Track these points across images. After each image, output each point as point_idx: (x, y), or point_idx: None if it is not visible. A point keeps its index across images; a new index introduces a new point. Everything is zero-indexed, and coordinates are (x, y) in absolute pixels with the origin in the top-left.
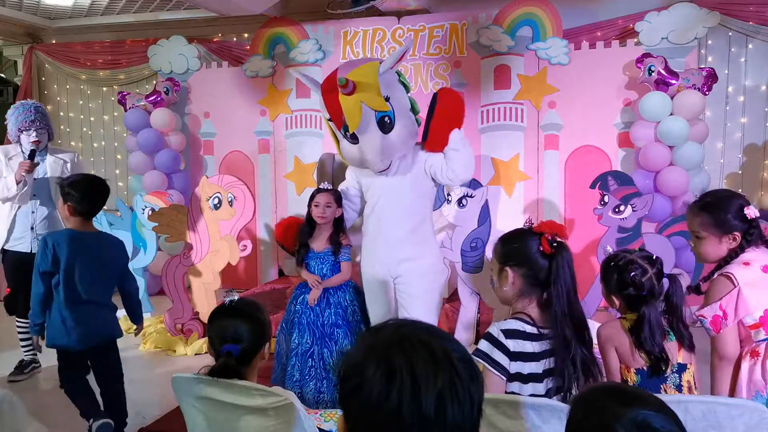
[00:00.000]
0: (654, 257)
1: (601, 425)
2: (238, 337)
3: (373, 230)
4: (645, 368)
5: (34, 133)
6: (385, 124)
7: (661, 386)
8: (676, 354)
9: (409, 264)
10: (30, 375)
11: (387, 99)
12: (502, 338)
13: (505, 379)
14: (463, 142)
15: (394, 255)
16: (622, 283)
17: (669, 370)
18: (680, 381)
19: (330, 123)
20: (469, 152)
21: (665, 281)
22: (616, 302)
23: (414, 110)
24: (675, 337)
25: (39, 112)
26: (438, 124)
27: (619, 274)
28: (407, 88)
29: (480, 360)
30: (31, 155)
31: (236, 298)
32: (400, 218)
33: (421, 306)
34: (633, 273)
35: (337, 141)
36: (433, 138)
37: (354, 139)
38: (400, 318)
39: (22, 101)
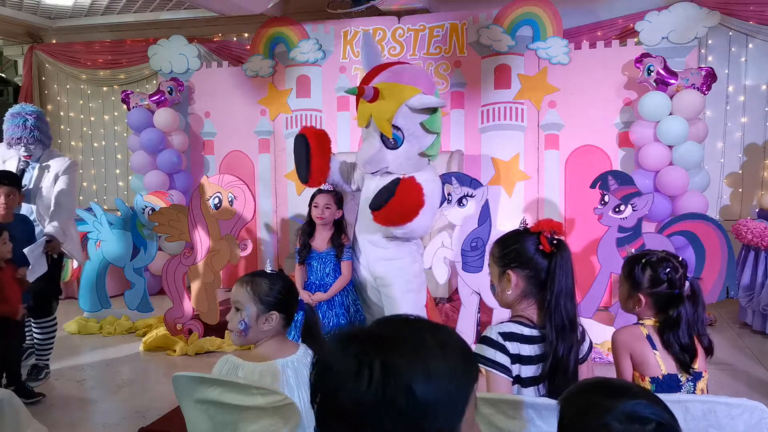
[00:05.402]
0: (681, 258)
1: (593, 421)
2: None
3: (357, 229)
4: (661, 377)
5: (23, 149)
6: (387, 142)
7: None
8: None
9: (385, 264)
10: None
11: (398, 128)
12: (501, 341)
13: (510, 379)
14: (421, 224)
15: (371, 254)
16: (656, 280)
17: (684, 379)
18: (694, 390)
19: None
20: (427, 225)
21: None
22: (643, 301)
23: (428, 152)
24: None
25: (27, 127)
26: (390, 211)
27: (653, 271)
28: (433, 131)
29: (482, 365)
30: None
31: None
32: None
33: (401, 307)
34: (668, 270)
35: None
36: (384, 216)
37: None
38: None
39: (21, 105)
